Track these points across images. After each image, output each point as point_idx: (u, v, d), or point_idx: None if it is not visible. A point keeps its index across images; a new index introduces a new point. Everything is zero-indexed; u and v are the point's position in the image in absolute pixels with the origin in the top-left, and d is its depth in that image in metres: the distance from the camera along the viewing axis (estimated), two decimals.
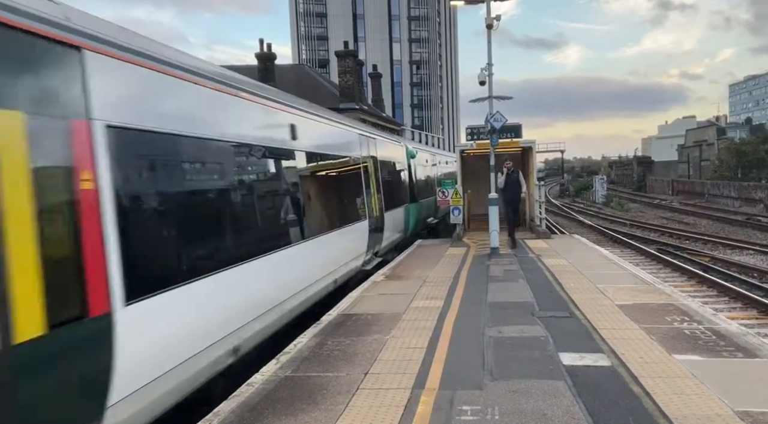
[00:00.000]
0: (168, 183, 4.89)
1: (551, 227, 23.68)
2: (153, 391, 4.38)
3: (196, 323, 5.06)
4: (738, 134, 64.32)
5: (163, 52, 5.17)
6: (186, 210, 5.13)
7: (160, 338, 4.55)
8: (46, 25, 3.66)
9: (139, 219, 4.49)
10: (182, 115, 5.23)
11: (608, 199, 45.16)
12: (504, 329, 7.08)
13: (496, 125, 14.29)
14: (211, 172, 5.72)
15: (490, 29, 14.44)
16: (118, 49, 4.40)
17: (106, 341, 3.92)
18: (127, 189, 4.29)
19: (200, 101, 5.69)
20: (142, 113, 4.62)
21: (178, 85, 5.28)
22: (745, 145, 47.17)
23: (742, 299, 11.27)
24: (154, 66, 4.86)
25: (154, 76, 4.88)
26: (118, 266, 4.03)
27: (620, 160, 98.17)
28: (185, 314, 4.89)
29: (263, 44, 30.36)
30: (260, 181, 6.96)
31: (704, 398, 4.71)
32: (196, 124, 5.38)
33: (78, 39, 3.95)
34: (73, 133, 3.78)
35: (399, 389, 5.16)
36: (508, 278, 10.66)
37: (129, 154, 4.38)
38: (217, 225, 5.64)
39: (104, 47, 4.23)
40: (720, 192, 41.57)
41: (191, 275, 4.93)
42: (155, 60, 4.92)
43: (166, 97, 5.14)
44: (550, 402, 4.73)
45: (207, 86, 5.80)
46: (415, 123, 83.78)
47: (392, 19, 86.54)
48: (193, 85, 5.52)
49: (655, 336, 6.49)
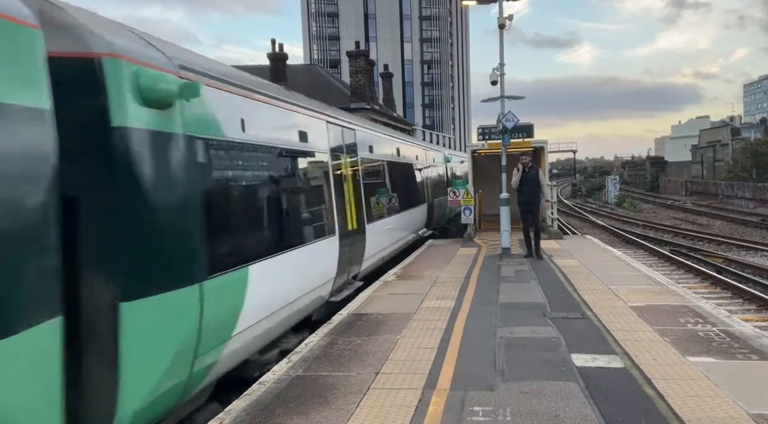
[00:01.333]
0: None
1: (563, 227, 23.58)
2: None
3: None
4: (753, 134, 63.69)
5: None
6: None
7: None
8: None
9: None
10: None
11: (621, 200, 44.88)
12: (515, 329, 7.05)
13: (508, 125, 14.23)
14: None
15: (503, 29, 14.40)
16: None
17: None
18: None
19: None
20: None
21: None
22: (761, 145, 46.70)
23: (756, 301, 11.16)
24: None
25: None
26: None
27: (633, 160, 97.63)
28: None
29: (275, 44, 30.45)
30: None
31: (718, 400, 4.66)
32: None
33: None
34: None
35: (410, 389, 5.16)
36: (520, 278, 10.62)
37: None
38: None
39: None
40: (734, 193, 41.20)
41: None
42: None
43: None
44: (562, 403, 4.70)
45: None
46: (426, 123, 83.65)
47: (404, 19, 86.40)
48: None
49: (668, 338, 6.43)
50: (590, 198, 53.70)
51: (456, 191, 17.99)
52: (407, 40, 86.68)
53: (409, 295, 9.41)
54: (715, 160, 57.29)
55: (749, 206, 36.53)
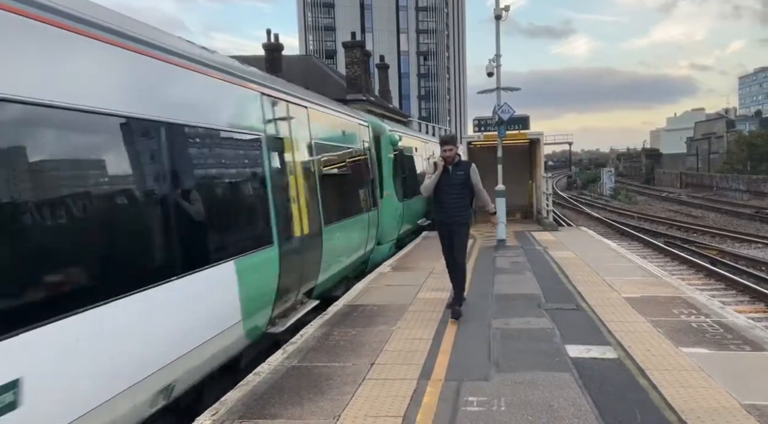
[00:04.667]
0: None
1: (558, 219, 23.65)
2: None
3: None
4: (747, 127, 63.90)
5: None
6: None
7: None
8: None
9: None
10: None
11: (616, 192, 45.01)
12: (510, 320, 7.07)
13: (503, 117, 14.24)
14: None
15: (499, 20, 14.38)
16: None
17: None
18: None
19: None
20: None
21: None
22: (755, 137, 46.88)
23: (750, 293, 11.23)
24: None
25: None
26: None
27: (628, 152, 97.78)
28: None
29: (270, 34, 30.28)
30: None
31: (711, 391, 4.69)
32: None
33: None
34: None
35: (405, 380, 5.17)
36: (515, 269, 10.65)
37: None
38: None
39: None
40: (729, 185, 41.35)
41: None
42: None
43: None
44: (556, 394, 4.73)
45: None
46: (422, 114, 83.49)
47: (399, 10, 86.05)
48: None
49: (662, 329, 6.47)
50: (585, 190, 53.83)
51: None
52: (403, 31, 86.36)
53: (404, 286, 9.42)
54: (710, 152, 57.45)
55: (743, 198, 36.69)
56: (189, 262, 4.88)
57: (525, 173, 21.18)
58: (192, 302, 4.91)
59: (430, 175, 7.35)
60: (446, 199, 7.32)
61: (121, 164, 4.24)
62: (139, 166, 4.44)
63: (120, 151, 4.23)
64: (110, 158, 4.14)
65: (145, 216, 4.53)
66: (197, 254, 5.08)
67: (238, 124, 6.16)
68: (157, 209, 4.64)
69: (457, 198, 7.30)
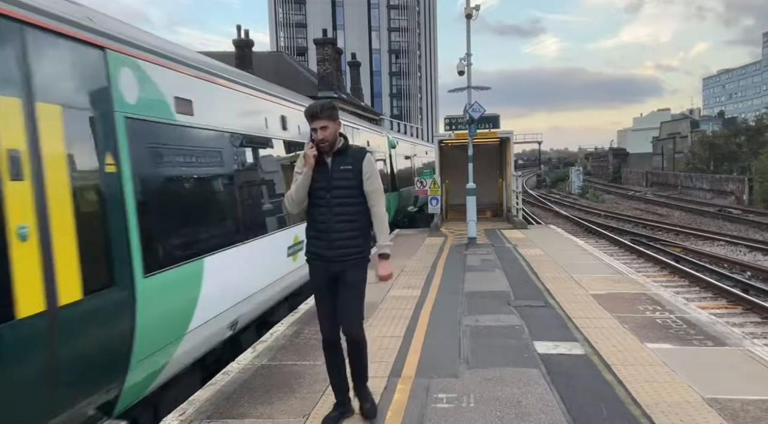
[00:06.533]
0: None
1: (528, 217, 23.92)
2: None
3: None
4: (711, 127, 65.48)
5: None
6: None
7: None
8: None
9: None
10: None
11: (584, 191, 45.69)
12: (480, 317, 7.13)
13: (474, 115, 14.32)
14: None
15: (470, 19, 14.45)
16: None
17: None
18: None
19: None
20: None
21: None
22: (717, 138, 48.05)
23: (712, 289, 11.50)
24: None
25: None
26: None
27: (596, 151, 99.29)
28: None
29: (240, 30, 29.98)
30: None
31: (675, 385, 4.80)
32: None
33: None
34: None
35: (375, 378, 5.17)
36: (485, 267, 10.74)
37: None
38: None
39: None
40: (693, 184, 42.31)
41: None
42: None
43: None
44: (524, 390, 4.78)
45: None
46: (394, 113, 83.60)
47: (371, 8, 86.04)
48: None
49: (628, 325, 6.59)
50: (554, 189, 54.54)
51: (423, 181, 18.10)
52: (375, 29, 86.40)
53: (374, 285, 9.40)
54: (675, 152, 58.70)
55: (707, 197, 37.57)
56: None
57: (495, 172, 21.37)
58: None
59: (297, 175, 4.10)
60: (323, 216, 4.07)
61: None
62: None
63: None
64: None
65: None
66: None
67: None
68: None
69: (344, 214, 4.06)
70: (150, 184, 4.75)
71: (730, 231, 21.66)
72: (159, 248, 4.77)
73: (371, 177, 4.12)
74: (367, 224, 4.21)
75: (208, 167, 5.97)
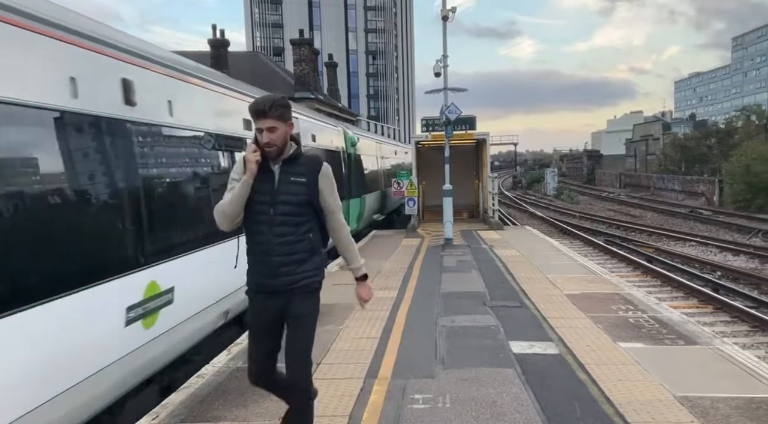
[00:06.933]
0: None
1: (504, 218, 24.09)
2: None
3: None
4: (682, 129, 66.69)
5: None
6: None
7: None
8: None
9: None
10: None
11: (559, 192, 46.18)
12: (456, 318, 7.16)
13: (450, 117, 14.40)
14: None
15: (446, 21, 14.52)
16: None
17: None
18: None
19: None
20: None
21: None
22: (688, 140, 48.92)
23: (683, 289, 11.70)
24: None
25: None
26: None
27: (571, 153, 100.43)
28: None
29: (216, 30, 29.72)
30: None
31: (647, 384, 4.87)
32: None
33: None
34: None
35: (352, 379, 5.17)
36: (462, 268, 10.79)
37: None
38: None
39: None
40: (665, 185, 43.00)
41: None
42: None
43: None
44: (499, 390, 4.81)
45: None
46: (371, 114, 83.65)
47: (348, 8, 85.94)
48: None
49: (601, 325, 6.67)
50: (530, 190, 55.06)
51: (400, 182, 18.13)
52: (352, 30, 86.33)
53: (352, 285, 9.33)
54: (647, 153, 59.57)
55: (678, 198, 38.23)
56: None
57: (472, 173, 21.49)
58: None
59: (234, 182, 3.34)
60: (263, 236, 3.33)
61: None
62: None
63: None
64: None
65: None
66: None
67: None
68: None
69: (289, 235, 3.33)
70: None
71: (701, 232, 22.08)
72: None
73: (331, 195, 3.47)
74: (319, 245, 3.52)
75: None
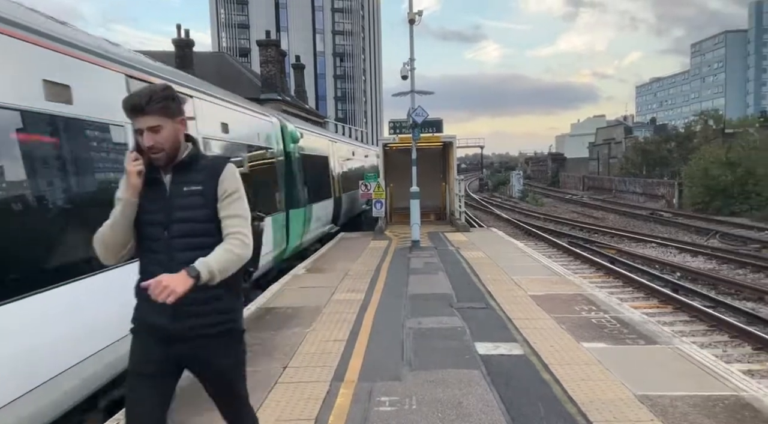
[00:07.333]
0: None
1: (470, 220, 24.28)
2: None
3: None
4: (643, 133, 68.31)
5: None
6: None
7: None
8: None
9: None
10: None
11: (524, 194, 46.78)
12: (423, 320, 7.19)
13: (417, 120, 14.46)
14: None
15: (413, 24, 14.58)
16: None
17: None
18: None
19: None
20: None
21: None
22: (649, 144, 50.12)
23: (644, 289, 11.95)
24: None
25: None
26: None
27: (536, 156, 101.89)
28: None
29: (180, 30, 29.29)
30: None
31: (609, 383, 4.97)
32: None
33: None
34: None
35: (318, 382, 5.14)
36: (428, 270, 10.83)
37: None
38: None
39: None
40: (626, 188, 43.92)
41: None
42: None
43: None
44: (465, 391, 4.85)
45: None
46: (338, 116, 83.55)
47: (315, 10, 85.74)
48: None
49: (565, 325, 6.78)
50: (496, 192, 55.67)
51: (367, 184, 18.14)
52: (319, 32, 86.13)
53: (319, 288, 9.37)
54: (609, 157, 60.79)
55: (639, 200, 39.08)
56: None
57: (438, 175, 21.62)
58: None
59: (119, 201, 2.59)
60: (159, 267, 2.50)
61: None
62: None
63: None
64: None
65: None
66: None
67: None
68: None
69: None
70: None
71: (662, 233, 22.59)
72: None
73: (234, 200, 2.63)
74: (237, 274, 2.64)
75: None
